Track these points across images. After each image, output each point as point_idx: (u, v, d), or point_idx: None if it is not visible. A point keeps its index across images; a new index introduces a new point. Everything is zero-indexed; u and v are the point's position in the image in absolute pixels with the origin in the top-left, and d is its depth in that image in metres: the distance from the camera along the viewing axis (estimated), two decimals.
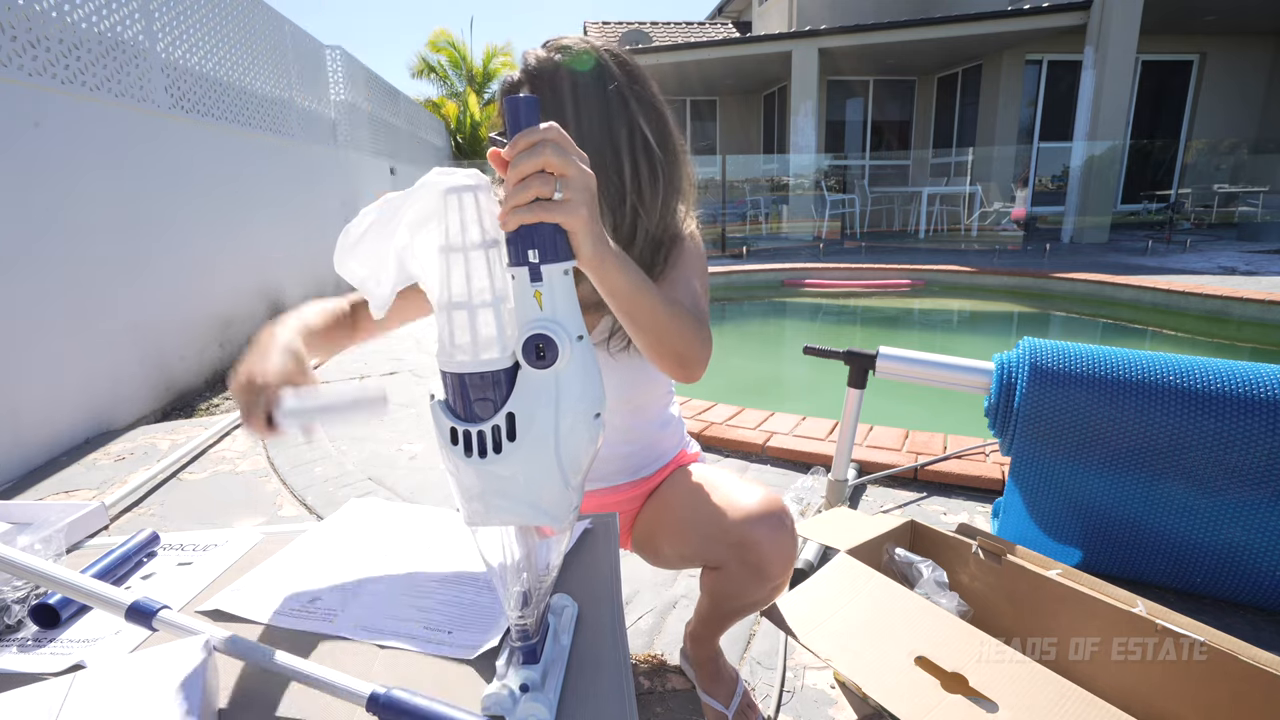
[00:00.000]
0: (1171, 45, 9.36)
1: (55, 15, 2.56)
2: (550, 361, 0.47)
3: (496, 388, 0.47)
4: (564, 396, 0.47)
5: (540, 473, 0.48)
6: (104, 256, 2.76)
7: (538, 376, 0.47)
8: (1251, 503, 1.29)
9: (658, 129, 0.88)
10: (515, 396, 0.47)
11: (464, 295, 0.47)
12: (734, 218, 9.60)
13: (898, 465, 2.03)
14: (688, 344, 0.74)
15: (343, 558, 0.74)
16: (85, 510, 0.84)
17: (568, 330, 0.47)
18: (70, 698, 0.47)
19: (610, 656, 0.56)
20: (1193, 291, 4.78)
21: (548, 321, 0.47)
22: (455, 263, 0.47)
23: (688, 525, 0.94)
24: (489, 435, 0.47)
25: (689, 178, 0.96)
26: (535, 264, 0.48)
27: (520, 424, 0.47)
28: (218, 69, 3.83)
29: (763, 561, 0.86)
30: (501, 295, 0.48)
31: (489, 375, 0.47)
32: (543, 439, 0.47)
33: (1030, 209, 9.22)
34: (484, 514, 0.49)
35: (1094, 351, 1.44)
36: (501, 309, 0.48)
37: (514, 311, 0.48)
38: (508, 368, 0.47)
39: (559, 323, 0.47)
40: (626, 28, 13.80)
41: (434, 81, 18.26)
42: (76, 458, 2.42)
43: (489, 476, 0.47)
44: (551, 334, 0.46)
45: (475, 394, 0.47)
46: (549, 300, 0.48)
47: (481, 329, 0.47)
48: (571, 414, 0.48)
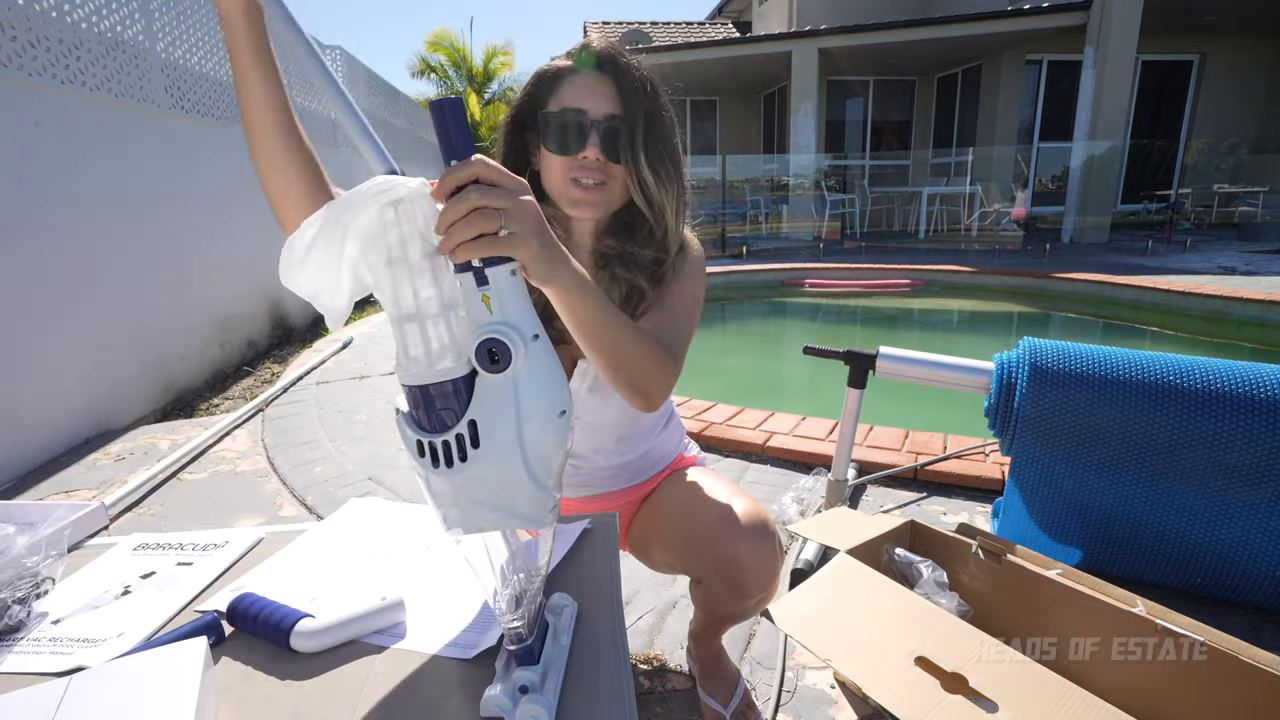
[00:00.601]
0: (1171, 45, 9.36)
1: (55, 15, 2.56)
2: (505, 365, 0.46)
3: (456, 396, 0.46)
4: (524, 399, 0.47)
5: (510, 476, 0.47)
6: (104, 257, 2.76)
7: (495, 381, 0.46)
8: (1251, 503, 1.29)
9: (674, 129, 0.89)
10: (475, 403, 0.46)
11: (413, 307, 0.47)
12: (734, 218, 9.59)
13: (898, 465, 2.03)
14: (645, 374, 0.72)
15: (343, 558, 0.74)
16: (85, 510, 0.84)
17: (520, 331, 0.47)
18: (67, 699, 0.47)
19: (610, 656, 0.56)
20: (1193, 291, 4.78)
21: (498, 325, 0.46)
22: (401, 276, 0.46)
23: (674, 536, 0.93)
24: (454, 444, 0.46)
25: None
26: (479, 268, 0.47)
27: (482, 430, 0.46)
28: (218, 69, 3.83)
29: (742, 578, 0.85)
30: (451, 303, 0.48)
31: (446, 385, 0.46)
32: (507, 443, 0.47)
33: (1030, 209, 9.21)
34: (460, 519, 0.48)
35: (1094, 351, 1.44)
36: (452, 317, 0.47)
37: (465, 318, 0.48)
38: (465, 375, 0.47)
39: (510, 324, 0.46)
40: (626, 28, 13.80)
41: (434, 81, 18.26)
42: (76, 458, 2.41)
43: (460, 484, 0.47)
44: (503, 337, 0.46)
45: (436, 404, 0.47)
46: (497, 303, 0.47)
47: (434, 340, 0.47)
48: (535, 416, 0.47)
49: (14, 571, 0.66)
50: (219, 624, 0.61)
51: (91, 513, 0.86)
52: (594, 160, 0.80)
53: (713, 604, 0.93)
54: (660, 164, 0.82)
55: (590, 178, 0.81)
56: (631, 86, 0.80)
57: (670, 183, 0.84)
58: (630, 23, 14.23)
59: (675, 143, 0.85)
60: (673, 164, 0.85)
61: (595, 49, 0.81)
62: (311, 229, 0.46)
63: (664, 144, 0.83)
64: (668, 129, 0.84)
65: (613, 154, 0.80)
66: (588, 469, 1.02)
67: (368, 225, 0.47)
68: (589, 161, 0.80)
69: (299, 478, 2.21)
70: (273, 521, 1.94)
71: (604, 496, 1.05)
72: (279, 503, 2.06)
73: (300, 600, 0.63)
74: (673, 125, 0.85)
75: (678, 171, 0.86)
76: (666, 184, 0.84)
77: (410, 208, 0.47)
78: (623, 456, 1.02)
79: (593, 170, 0.81)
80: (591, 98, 0.80)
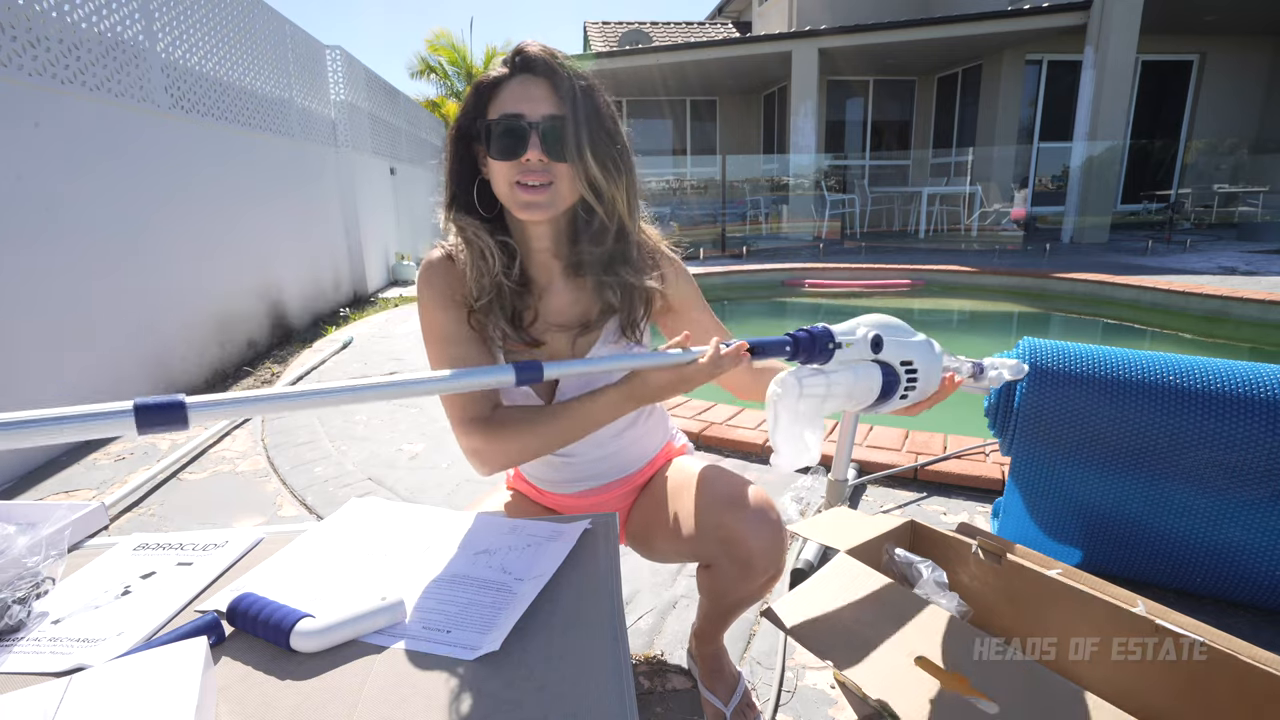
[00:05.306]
0: (1171, 45, 9.36)
1: (55, 15, 2.56)
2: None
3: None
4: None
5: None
6: (103, 257, 2.76)
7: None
8: (1251, 503, 1.29)
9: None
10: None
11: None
12: (734, 218, 9.59)
13: (898, 465, 2.03)
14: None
15: (343, 558, 0.74)
16: (85, 510, 0.84)
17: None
18: (67, 699, 0.47)
19: (610, 656, 0.56)
20: (1193, 291, 4.78)
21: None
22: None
23: (679, 521, 0.95)
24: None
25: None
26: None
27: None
28: (218, 69, 3.82)
29: (750, 556, 0.87)
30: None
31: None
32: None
33: (1030, 209, 9.21)
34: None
35: (1094, 351, 1.44)
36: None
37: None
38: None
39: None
40: (626, 28, 13.80)
41: (434, 81, 18.25)
42: (76, 458, 2.41)
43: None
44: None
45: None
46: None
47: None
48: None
49: (14, 571, 0.66)
50: (219, 624, 0.61)
51: (91, 513, 0.86)
52: (536, 162, 0.81)
53: (721, 588, 0.94)
54: (604, 157, 0.84)
55: (535, 179, 0.82)
56: (566, 86, 0.81)
57: (618, 175, 0.86)
58: (630, 23, 14.23)
59: (619, 135, 0.86)
60: (618, 156, 0.86)
61: (529, 53, 0.83)
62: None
63: (606, 137, 0.84)
64: (608, 122, 0.85)
65: (555, 153, 0.82)
66: (579, 463, 1.02)
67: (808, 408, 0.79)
68: (532, 164, 0.81)
69: (299, 478, 2.21)
70: (273, 521, 1.94)
71: (599, 490, 1.06)
72: (279, 503, 2.06)
73: (300, 600, 0.63)
74: (614, 118, 0.86)
75: (625, 163, 0.87)
76: (613, 175, 0.85)
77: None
78: (614, 446, 1.03)
79: (536, 172, 0.82)
80: (528, 101, 0.81)
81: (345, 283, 5.82)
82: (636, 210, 0.93)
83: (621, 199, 0.88)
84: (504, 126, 0.81)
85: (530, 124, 0.80)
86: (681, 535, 0.94)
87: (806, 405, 0.79)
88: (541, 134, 0.80)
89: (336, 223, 5.71)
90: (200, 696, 0.47)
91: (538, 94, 0.81)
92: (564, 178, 0.83)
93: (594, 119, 0.83)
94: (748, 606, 1.01)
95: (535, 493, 1.09)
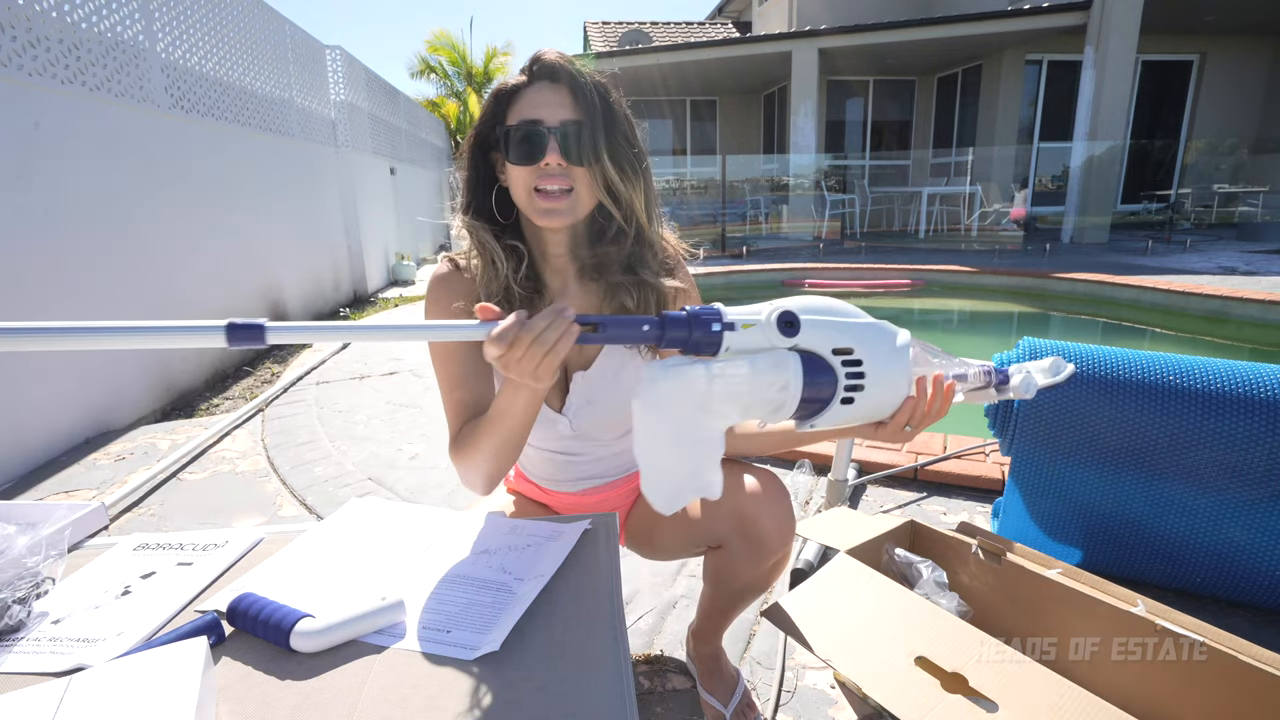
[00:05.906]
0: (1171, 45, 9.35)
1: (55, 15, 2.56)
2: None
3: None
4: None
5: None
6: (103, 256, 2.76)
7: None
8: (1251, 503, 1.29)
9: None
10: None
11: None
12: (734, 218, 9.59)
13: (898, 465, 2.03)
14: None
15: (343, 558, 0.74)
16: (85, 510, 0.84)
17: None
18: (67, 699, 0.47)
19: (610, 656, 0.56)
20: (1193, 291, 4.77)
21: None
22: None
23: (688, 506, 0.95)
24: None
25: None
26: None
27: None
28: (218, 69, 3.82)
29: (763, 534, 0.88)
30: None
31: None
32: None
33: (1030, 209, 9.21)
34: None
35: (1094, 351, 1.44)
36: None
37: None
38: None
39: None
40: (626, 28, 13.80)
41: (434, 81, 18.26)
42: (76, 458, 2.41)
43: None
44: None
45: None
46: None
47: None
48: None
49: (14, 571, 0.66)
50: (219, 624, 0.61)
51: (91, 513, 0.86)
52: (555, 166, 0.81)
53: (731, 569, 0.94)
54: (621, 160, 0.84)
55: (554, 184, 0.82)
56: (584, 91, 0.82)
57: (635, 178, 0.86)
58: (630, 23, 14.23)
59: (636, 139, 0.87)
60: (636, 159, 0.86)
61: (546, 60, 0.83)
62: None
63: (624, 141, 0.84)
64: (626, 127, 0.86)
65: (574, 158, 0.82)
66: (583, 461, 1.03)
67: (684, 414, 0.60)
68: (551, 169, 0.82)
69: (299, 478, 2.21)
70: (273, 521, 1.94)
71: (602, 488, 1.06)
72: (279, 503, 2.06)
73: (300, 600, 0.63)
74: (631, 122, 0.87)
75: (642, 166, 0.87)
76: (631, 179, 0.86)
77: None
78: (619, 445, 1.04)
79: (556, 176, 0.82)
80: (547, 107, 0.82)
81: (345, 283, 5.82)
82: (655, 213, 0.93)
83: (640, 202, 0.88)
84: (523, 132, 0.81)
85: (549, 129, 0.81)
86: (690, 518, 0.95)
87: (681, 409, 0.56)
88: (560, 139, 0.81)
89: (336, 223, 5.71)
90: (200, 696, 0.47)
91: (557, 100, 0.82)
92: (583, 183, 0.84)
93: (611, 124, 0.83)
94: (753, 598, 1.01)
95: (537, 492, 1.09)
